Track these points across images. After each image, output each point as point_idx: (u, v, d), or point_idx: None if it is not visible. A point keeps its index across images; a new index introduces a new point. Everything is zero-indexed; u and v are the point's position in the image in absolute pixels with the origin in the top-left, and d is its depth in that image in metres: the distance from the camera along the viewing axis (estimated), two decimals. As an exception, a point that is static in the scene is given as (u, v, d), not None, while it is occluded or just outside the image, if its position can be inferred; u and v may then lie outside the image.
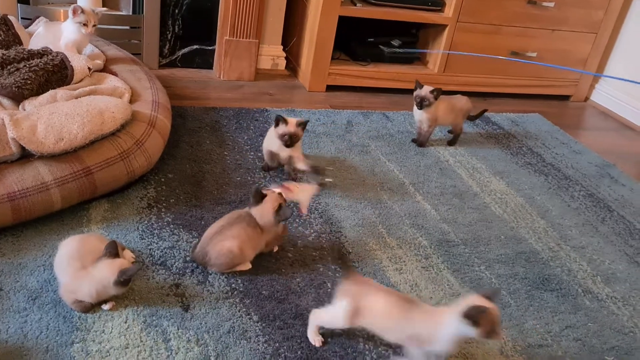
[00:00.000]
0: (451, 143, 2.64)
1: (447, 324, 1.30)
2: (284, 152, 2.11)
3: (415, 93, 2.48)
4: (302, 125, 2.07)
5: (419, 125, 2.55)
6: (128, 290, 1.48)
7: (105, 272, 1.38)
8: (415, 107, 2.51)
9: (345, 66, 3.07)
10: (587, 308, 1.74)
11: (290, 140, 2.04)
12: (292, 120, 2.05)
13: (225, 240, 1.59)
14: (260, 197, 1.64)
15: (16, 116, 1.66)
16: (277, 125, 2.06)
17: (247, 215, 1.64)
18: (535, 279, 1.83)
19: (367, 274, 1.73)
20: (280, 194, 1.67)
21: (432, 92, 2.45)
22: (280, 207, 1.63)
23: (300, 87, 3.09)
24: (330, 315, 1.41)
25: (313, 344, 1.43)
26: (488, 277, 1.80)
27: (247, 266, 1.65)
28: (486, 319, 1.25)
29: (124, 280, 1.39)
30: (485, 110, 2.78)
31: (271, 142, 2.12)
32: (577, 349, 1.58)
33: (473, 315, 1.25)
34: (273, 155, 2.13)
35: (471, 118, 2.75)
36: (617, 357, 1.57)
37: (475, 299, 1.29)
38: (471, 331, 1.26)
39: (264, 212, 1.63)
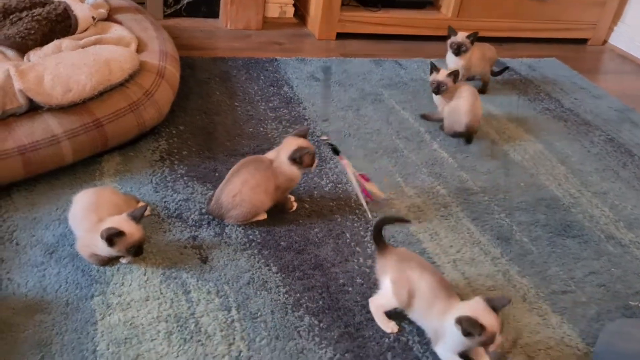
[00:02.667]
0: (483, 91, 2.56)
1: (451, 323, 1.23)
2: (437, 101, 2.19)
3: (450, 40, 2.40)
4: (453, 74, 2.12)
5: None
6: (145, 243, 1.45)
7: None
8: (448, 55, 2.42)
9: (356, 12, 2.97)
10: (610, 254, 1.72)
11: (437, 88, 2.12)
12: (443, 71, 2.13)
13: (235, 188, 1.55)
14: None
15: (21, 67, 1.61)
16: (430, 73, 2.16)
17: (255, 159, 1.61)
18: (556, 225, 1.80)
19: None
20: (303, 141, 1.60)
21: (468, 37, 2.36)
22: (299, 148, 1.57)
23: (309, 36, 2.99)
24: (384, 297, 1.35)
25: (389, 332, 1.35)
26: (508, 225, 1.77)
27: (263, 216, 1.63)
28: (479, 334, 1.19)
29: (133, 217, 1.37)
30: (507, 68, 2.71)
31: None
32: (601, 294, 1.56)
33: (465, 327, 1.19)
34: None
35: (494, 73, 2.66)
36: (642, 302, 1.55)
37: (477, 307, 1.23)
38: (462, 339, 1.21)
39: (280, 156, 1.59)
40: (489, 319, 1.20)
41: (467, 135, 2.16)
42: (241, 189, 1.55)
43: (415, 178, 1.93)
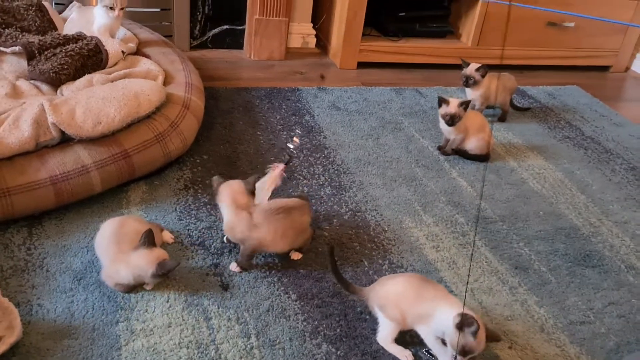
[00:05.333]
0: (502, 119, 2.60)
1: (444, 311, 1.28)
2: (448, 132, 2.23)
3: (462, 72, 2.45)
4: (465, 104, 2.15)
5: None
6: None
7: (142, 262, 1.41)
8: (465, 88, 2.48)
9: (377, 42, 3.03)
10: (631, 284, 1.71)
11: (452, 120, 2.14)
12: (454, 101, 2.15)
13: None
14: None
15: (55, 101, 1.69)
16: (440, 106, 2.17)
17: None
18: (576, 255, 1.80)
19: (404, 252, 1.72)
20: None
21: (477, 69, 2.40)
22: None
23: (331, 65, 3.06)
24: (384, 327, 1.40)
25: None
26: (527, 254, 1.78)
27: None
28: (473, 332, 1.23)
29: (162, 273, 1.41)
30: (528, 109, 2.75)
31: (440, 119, 2.22)
32: (621, 325, 1.55)
33: (461, 323, 1.23)
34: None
35: (515, 107, 2.69)
36: (663, 334, 1.54)
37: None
38: (451, 334, 1.24)
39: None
40: (481, 331, 1.24)
41: (484, 157, 2.24)
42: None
43: (434, 206, 1.95)
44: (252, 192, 1.56)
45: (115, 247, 1.46)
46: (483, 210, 1.96)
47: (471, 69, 2.41)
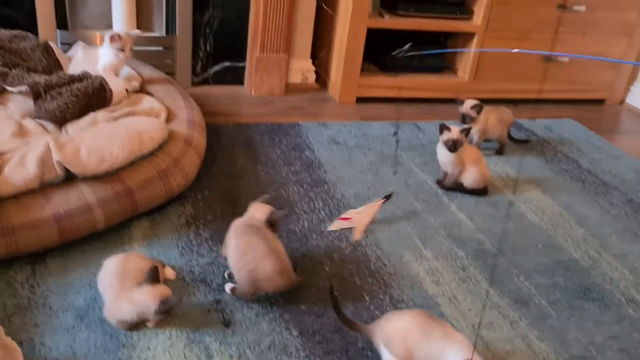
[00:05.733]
0: (500, 152, 2.64)
1: (455, 352, 1.27)
2: (445, 165, 2.28)
3: (458, 109, 2.49)
4: (466, 131, 2.21)
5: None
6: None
7: (146, 299, 1.42)
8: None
9: (375, 77, 3.09)
10: (631, 317, 1.71)
11: (454, 146, 2.19)
12: (455, 128, 2.21)
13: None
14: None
15: (60, 140, 1.73)
16: (441, 132, 2.22)
17: (256, 226, 1.64)
18: (576, 288, 1.81)
19: (404, 287, 1.73)
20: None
21: (473, 107, 2.44)
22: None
23: (330, 100, 3.11)
24: None
25: None
26: (527, 288, 1.78)
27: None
28: None
29: (165, 310, 1.42)
30: (527, 141, 2.81)
31: (439, 151, 2.28)
32: (622, 359, 1.55)
33: None
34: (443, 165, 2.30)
35: (513, 140, 2.75)
36: (665, 368, 1.54)
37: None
38: None
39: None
40: None
41: (482, 191, 2.28)
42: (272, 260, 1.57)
43: (434, 240, 1.97)
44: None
45: (118, 284, 1.47)
46: (482, 244, 1.98)
47: (467, 106, 2.45)
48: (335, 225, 1.93)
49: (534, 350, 1.55)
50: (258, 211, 1.68)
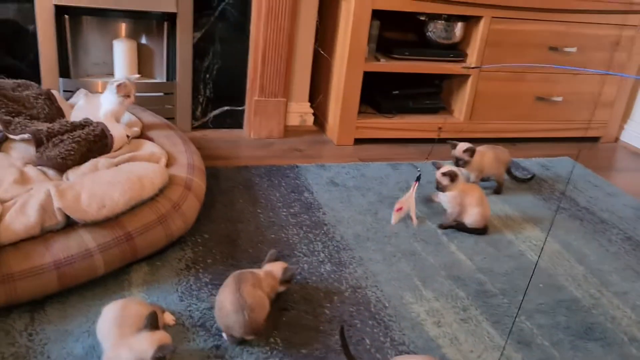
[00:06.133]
0: (497, 192, 2.66)
1: None
2: (444, 199, 2.33)
3: (452, 153, 2.54)
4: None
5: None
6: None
7: (144, 346, 1.40)
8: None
9: (372, 119, 3.14)
10: (634, 357, 1.69)
11: (437, 186, 2.30)
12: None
13: (254, 288, 1.58)
14: (274, 259, 1.76)
15: (61, 187, 1.75)
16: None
17: (247, 271, 1.66)
18: (578, 328, 1.79)
19: (405, 329, 1.72)
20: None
21: (465, 151, 2.47)
22: (287, 268, 1.71)
23: (328, 142, 3.15)
24: None
25: None
26: (529, 328, 1.77)
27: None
28: None
29: (161, 357, 1.41)
30: (533, 177, 2.84)
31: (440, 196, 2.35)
32: (628, 401, 1.53)
33: None
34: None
35: (518, 179, 2.78)
36: (671, 409, 1.52)
37: None
38: None
39: (273, 269, 1.71)
40: None
41: (482, 230, 2.29)
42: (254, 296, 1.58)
43: (434, 281, 1.97)
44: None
45: (117, 330, 1.46)
46: (483, 284, 1.97)
47: (459, 150, 2.49)
48: (395, 218, 2.25)
49: (538, 392, 1.53)
50: (275, 270, 1.71)
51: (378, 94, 3.23)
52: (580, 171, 3.00)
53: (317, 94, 3.30)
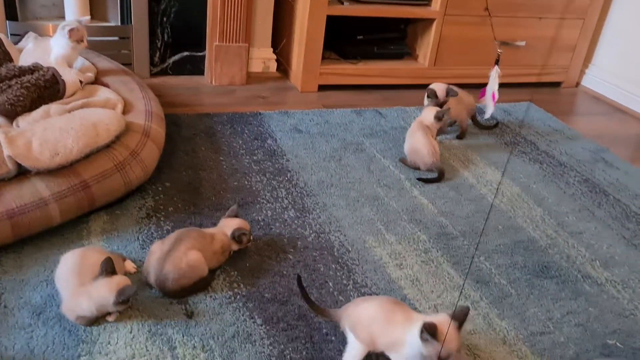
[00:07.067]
0: (460, 137, 2.67)
1: (414, 333, 1.29)
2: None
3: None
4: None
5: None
6: (131, 299, 1.49)
7: (103, 292, 1.39)
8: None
9: (336, 65, 3.08)
10: (587, 293, 1.76)
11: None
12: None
13: (186, 253, 1.54)
14: (234, 215, 1.74)
15: (11, 134, 1.67)
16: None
17: (194, 229, 1.64)
18: (534, 267, 1.85)
19: (368, 271, 1.74)
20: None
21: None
22: (239, 228, 1.68)
23: (292, 89, 3.10)
24: (352, 348, 1.40)
25: None
26: (488, 268, 1.82)
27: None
28: (436, 340, 1.24)
29: (123, 300, 1.39)
30: (497, 124, 2.85)
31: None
32: (579, 334, 1.60)
33: (424, 330, 1.25)
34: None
35: (481, 126, 2.79)
36: (619, 340, 1.59)
37: (441, 319, 1.28)
38: (422, 348, 1.26)
39: (227, 225, 1.69)
40: (450, 333, 1.25)
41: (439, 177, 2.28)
42: (194, 254, 1.55)
43: (397, 225, 1.99)
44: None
45: (76, 279, 1.44)
46: (444, 227, 2.00)
47: (441, 95, 2.48)
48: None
49: (495, 329, 1.58)
50: (227, 226, 1.69)
51: (342, 39, 3.17)
52: (541, 115, 3.04)
53: (280, 39, 3.22)
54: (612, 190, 2.37)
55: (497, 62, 2.43)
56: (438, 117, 2.35)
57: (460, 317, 1.28)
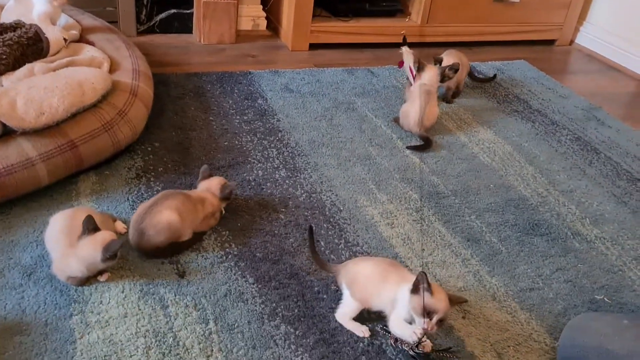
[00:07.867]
0: (454, 96, 2.63)
1: (405, 292, 1.31)
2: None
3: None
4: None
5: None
6: (122, 260, 1.49)
7: (89, 250, 1.38)
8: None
9: (327, 23, 3.02)
10: (577, 250, 1.78)
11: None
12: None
13: (163, 211, 1.52)
14: (208, 175, 1.72)
15: (-6, 93, 1.63)
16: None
17: (181, 193, 1.62)
18: (525, 224, 1.86)
19: (359, 230, 1.74)
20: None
21: (450, 69, 2.36)
22: (225, 184, 1.68)
23: (282, 47, 3.04)
24: (346, 304, 1.42)
25: (361, 336, 1.39)
26: (479, 226, 1.83)
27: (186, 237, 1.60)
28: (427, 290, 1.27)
29: (111, 255, 1.39)
30: (494, 77, 2.82)
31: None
32: (568, 290, 1.62)
33: (416, 281, 1.28)
34: None
35: (476, 79, 2.77)
36: (607, 296, 1.61)
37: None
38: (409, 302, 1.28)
39: (211, 186, 1.68)
40: (439, 290, 1.29)
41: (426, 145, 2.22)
42: (170, 213, 1.53)
43: (388, 184, 1.98)
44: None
45: (66, 239, 1.43)
46: (436, 186, 2.00)
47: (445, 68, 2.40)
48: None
49: (485, 285, 1.60)
50: (212, 187, 1.68)
51: (333, -5, 3.09)
52: (535, 74, 3.01)
53: (270, -5, 3.14)
54: (604, 149, 2.36)
55: (404, 43, 2.46)
56: (451, 73, 2.35)
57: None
